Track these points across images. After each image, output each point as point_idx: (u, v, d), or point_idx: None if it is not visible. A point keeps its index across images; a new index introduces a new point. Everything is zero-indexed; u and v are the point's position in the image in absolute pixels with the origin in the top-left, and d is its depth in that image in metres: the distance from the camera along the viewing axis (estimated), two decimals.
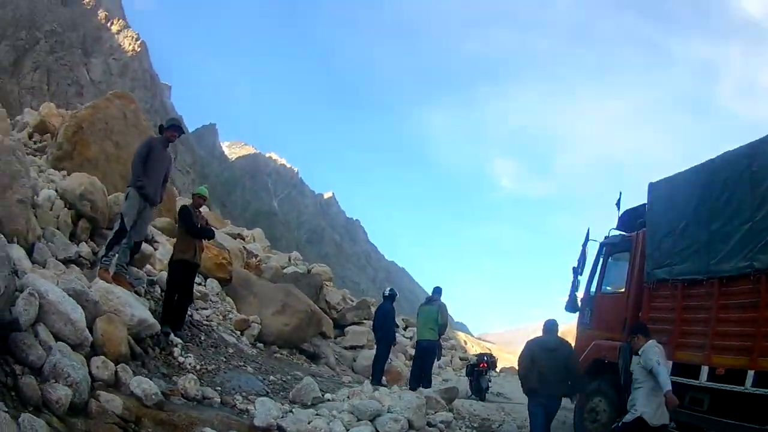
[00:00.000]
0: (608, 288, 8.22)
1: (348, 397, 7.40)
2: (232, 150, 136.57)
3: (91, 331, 4.97)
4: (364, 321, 16.14)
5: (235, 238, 17.88)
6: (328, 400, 7.39)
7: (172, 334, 6.88)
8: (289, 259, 19.18)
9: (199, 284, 10.32)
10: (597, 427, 7.06)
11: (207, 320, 9.27)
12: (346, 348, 14.94)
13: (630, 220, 8.13)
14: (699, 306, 6.21)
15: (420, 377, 10.86)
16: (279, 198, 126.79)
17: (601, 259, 8.33)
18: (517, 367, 8.11)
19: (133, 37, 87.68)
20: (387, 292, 11.69)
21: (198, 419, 4.88)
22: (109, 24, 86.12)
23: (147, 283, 7.90)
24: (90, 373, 4.66)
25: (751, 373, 5.19)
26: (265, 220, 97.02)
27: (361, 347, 14.88)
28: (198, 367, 6.69)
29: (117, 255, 6.64)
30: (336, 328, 15.68)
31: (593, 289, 8.36)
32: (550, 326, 7.19)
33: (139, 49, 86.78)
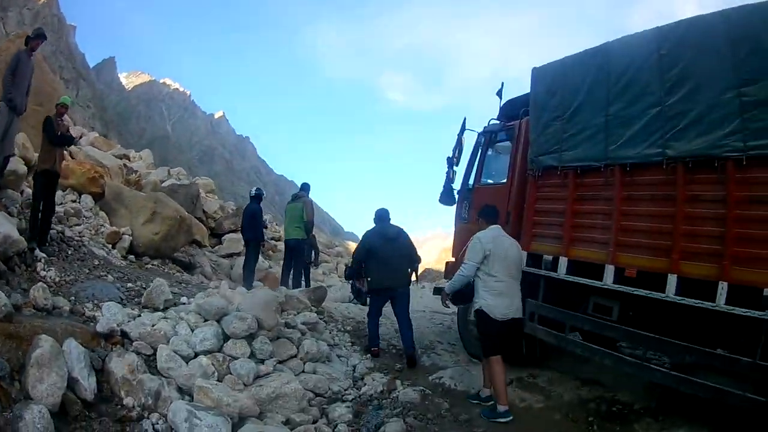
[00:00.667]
0: (488, 180, 7.71)
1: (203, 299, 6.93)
2: (129, 80, 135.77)
3: None
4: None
5: (121, 158, 16.99)
6: (183, 303, 6.95)
7: (37, 250, 6.79)
8: (169, 173, 18.61)
9: (74, 201, 10.19)
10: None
11: (79, 236, 8.97)
12: (223, 256, 14.69)
13: (512, 109, 7.38)
14: (596, 196, 5.56)
15: (290, 278, 10.69)
16: (172, 122, 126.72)
17: (480, 150, 7.75)
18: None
19: None
20: (253, 192, 11.34)
21: (41, 328, 4.78)
22: None
23: (23, 203, 7.92)
24: None
25: (672, 278, 4.56)
26: (160, 144, 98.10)
27: (238, 254, 14.59)
28: (57, 279, 6.52)
29: None
30: (214, 237, 15.44)
31: (471, 181, 7.82)
32: (383, 214, 7.54)
33: None
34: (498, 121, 7.73)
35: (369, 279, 7.22)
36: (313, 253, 11.76)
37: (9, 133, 6.87)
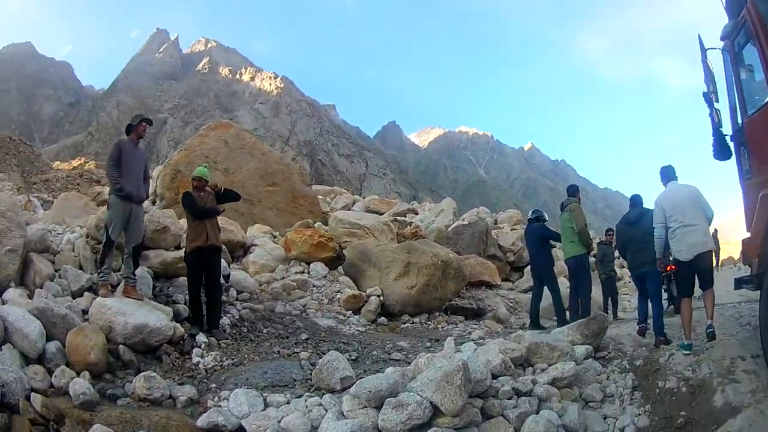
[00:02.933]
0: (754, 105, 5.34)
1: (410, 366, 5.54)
2: (421, 138, 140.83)
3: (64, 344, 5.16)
4: None
5: (404, 215, 17.33)
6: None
7: (200, 335, 6.43)
8: (455, 214, 17.80)
9: (300, 272, 9.71)
10: None
11: (301, 308, 8.46)
12: (523, 291, 13.13)
13: None
14: None
15: (576, 307, 8.78)
16: (483, 165, 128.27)
17: (731, 69, 5.60)
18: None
19: (270, 77, 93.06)
20: (531, 215, 9.65)
21: (126, 418, 4.35)
22: (238, 76, 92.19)
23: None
24: (51, 383, 4.79)
25: None
26: (476, 189, 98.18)
27: None
28: (212, 365, 5.92)
29: (122, 267, 6.54)
30: (517, 271, 14.13)
31: (739, 117, 5.56)
32: (632, 200, 7.83)
33: (282, 85, 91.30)
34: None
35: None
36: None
37: (132, 223, 6.56)
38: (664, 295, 9.31)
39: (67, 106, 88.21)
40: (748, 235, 5.48)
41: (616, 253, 10.48)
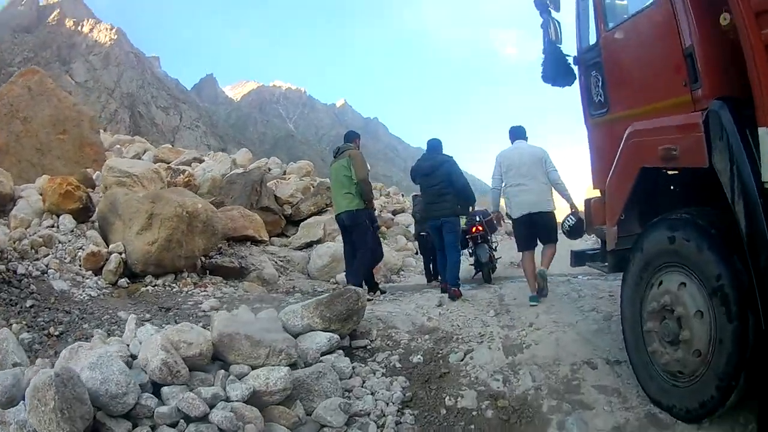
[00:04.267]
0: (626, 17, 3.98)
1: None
2: (236, 91, 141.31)
3: None
4: (326, 207, 12.78)
5: (190, 164, 15.35)
6: None
7: None
8: (234, 163, 16.14)
9: (52, 227, 8.12)
10: (676, 357, 3.34)
11: (44, 268, 7.06)
12: (298, 248, 11.50)
13: None
14: None
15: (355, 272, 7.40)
16: (293, 120, 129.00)
17: None
18: None
19: (107, 29, 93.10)
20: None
21: None
22: (80, 28, 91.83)
23: None
24: None
25: None
26: (285, 144, 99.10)
27: (318, 242, 11.45)
28: None
29: None
30: (294, 225, 12.49)
31: (592, 32, 4.32)
32: (429, 145, 7.32)
33: (115, 37, 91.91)
34: None
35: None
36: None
37: None
38: (471, 260, 8.70)
39: None
40: (597, 193, 4.33)
41: None
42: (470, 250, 8.69)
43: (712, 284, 2.93)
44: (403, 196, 23.86)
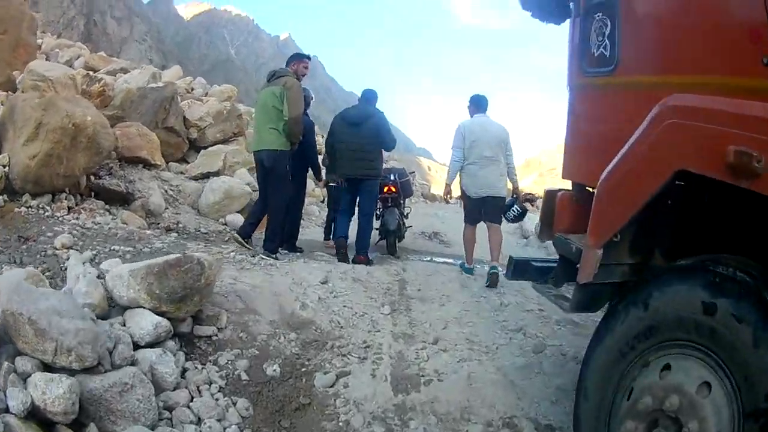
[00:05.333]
0: None
1: None
2: (188, 10, 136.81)
3: None
4: (234, 137, 11.57)
5: (115, 74, 13.85)
6: None
7: None
8: (154, 77, 13.84)
9: None
10: None
11: None
12: (194, 178, 10.05)
13: None
14: None
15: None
16: (236, 46, 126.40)
17: None
18: None
19: None
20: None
21: None
22: None
23: None
24: None
25: None
26: (222, 68, 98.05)
27: (216, 174, 10.01)
28: None
29: None
30: (198, 151, 10.96)
31: None
32: (364, 95, 6.78)
33: None
34: None
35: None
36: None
37: None
38: (377, 224, 7.77)
39: None
40: (565, 185, 3.12)
41: None
42: (378, 213, 7.87)
43: (762, 407, 1.72)
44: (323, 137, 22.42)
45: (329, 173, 7.92)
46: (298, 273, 5.17)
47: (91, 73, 13.06)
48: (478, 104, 6.23)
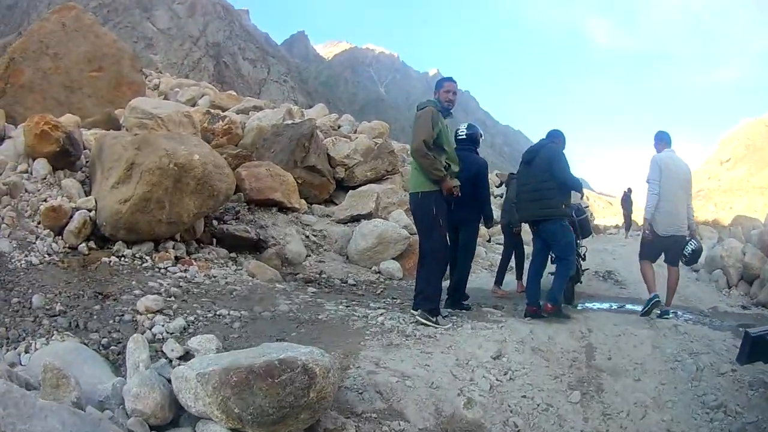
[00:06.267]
0: None
1: None
2: (327, 50, 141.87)
3: None
4: (387, 175, 10.62)
5: (248, 112, 13.78)
6: None
7: None
8: (290, 114, 13.32)
9: (24, 172, 6.48)
10: None
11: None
12: (343, 221, 9.10)
13: None
14: None
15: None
16: (384, 84, 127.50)
17: None
18: None
19: None
20: (463, 133, 6.29)
21: None
22: None
23: None
24: None
25: None
26: (374, 107, 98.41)
27: (366, 217, 8.98)
28: None
29: None
30: (346, 191, 10.07)
31: None
32: (548, 134, 5.94)
33: None
34: None
35: None
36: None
37: None
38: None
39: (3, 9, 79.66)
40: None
41: None
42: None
43: None
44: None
45: (506, 214, 7.42)
46: (464, 347, 3.97)
47: (212, 110, 12.87)
48: (666, 140, 6.02)
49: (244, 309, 4.35)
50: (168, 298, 4.50)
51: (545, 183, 5.42)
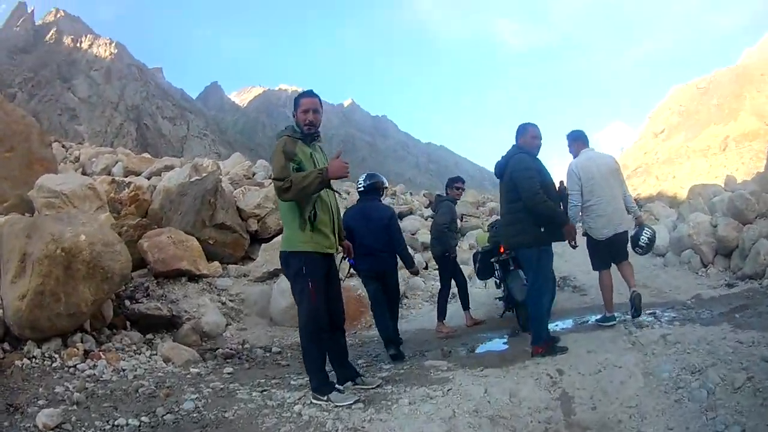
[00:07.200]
0: None
1: None
2: (242, 97, 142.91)
3: None
4: None
5: (160, 174, 13.78)
6: None
7: None
8: (196, 169, 13.02)
9: None
10: None
11: None
12: (259, 279, 8.57)
13: None
14: None
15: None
16: None
17: None
18: None
19: (106, 43, 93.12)
20: (362, 185, 5.95)
21: None
22: (78, 44, 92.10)
23: None
24: None
25: None
26: None
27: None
28: None
29: None
30: (260, 243, 9.54)
31: None
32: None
33: (116, 51, 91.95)
34: None
35: None
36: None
37: None
38: (498, 292, 7.01)
39: None
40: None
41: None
42: (497, 279, 6.68)
43: None
44: (411, 194, 20.69)
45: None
46: (421, 405, 3.38)
47: (118, 179, 12.45)
48: (582, 138, 5.89)
49: (145, 413, 3.79)
50: (70, 407, 3.90)
51: (514, 204, 4.81)
